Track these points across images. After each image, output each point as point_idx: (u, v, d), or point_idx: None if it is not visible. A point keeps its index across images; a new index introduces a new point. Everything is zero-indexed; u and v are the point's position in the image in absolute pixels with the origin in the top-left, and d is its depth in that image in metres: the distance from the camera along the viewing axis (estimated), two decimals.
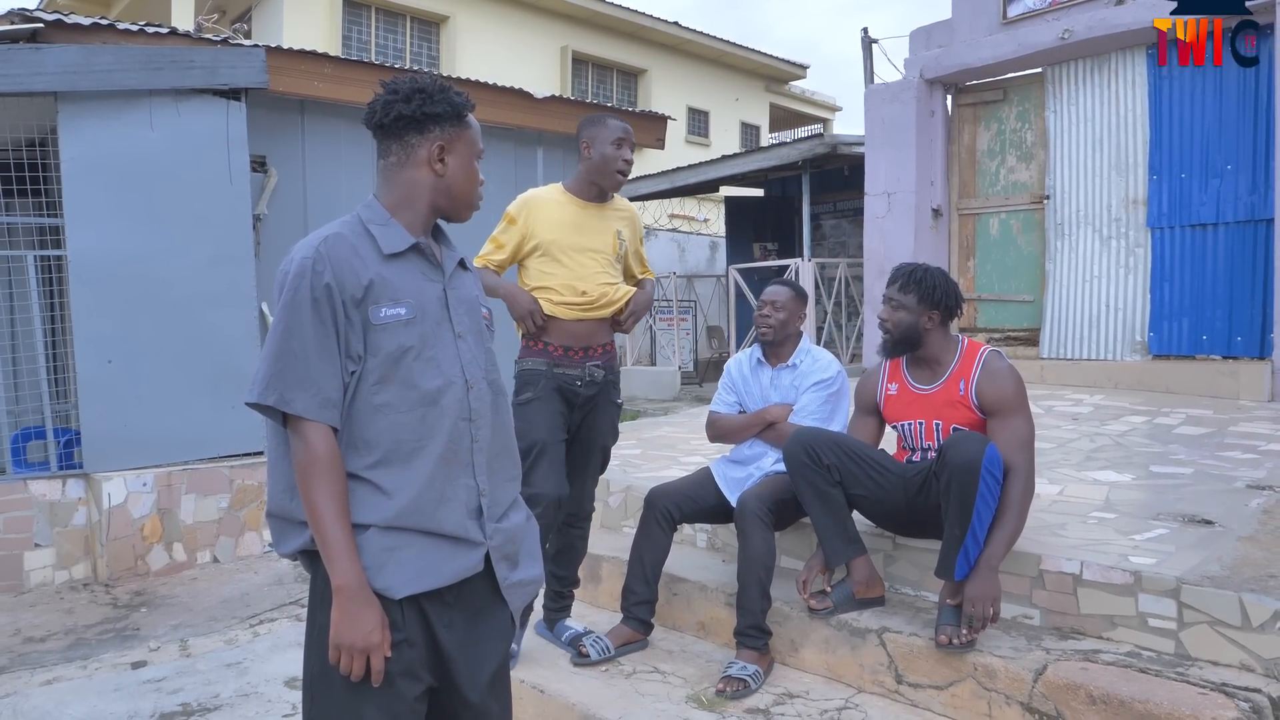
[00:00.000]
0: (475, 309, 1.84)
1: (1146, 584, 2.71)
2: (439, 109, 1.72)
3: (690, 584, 3.56)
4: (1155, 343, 6.63)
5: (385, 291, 1.65)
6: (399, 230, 1.73)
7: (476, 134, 1.80)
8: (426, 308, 1.71)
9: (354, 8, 15.09)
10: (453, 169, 1.75)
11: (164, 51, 5.07)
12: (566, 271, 3.11)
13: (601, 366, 3.21)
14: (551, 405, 3.12)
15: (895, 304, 3.07)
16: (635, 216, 3.34)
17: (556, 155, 7.75)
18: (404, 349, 1.65)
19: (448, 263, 1.81)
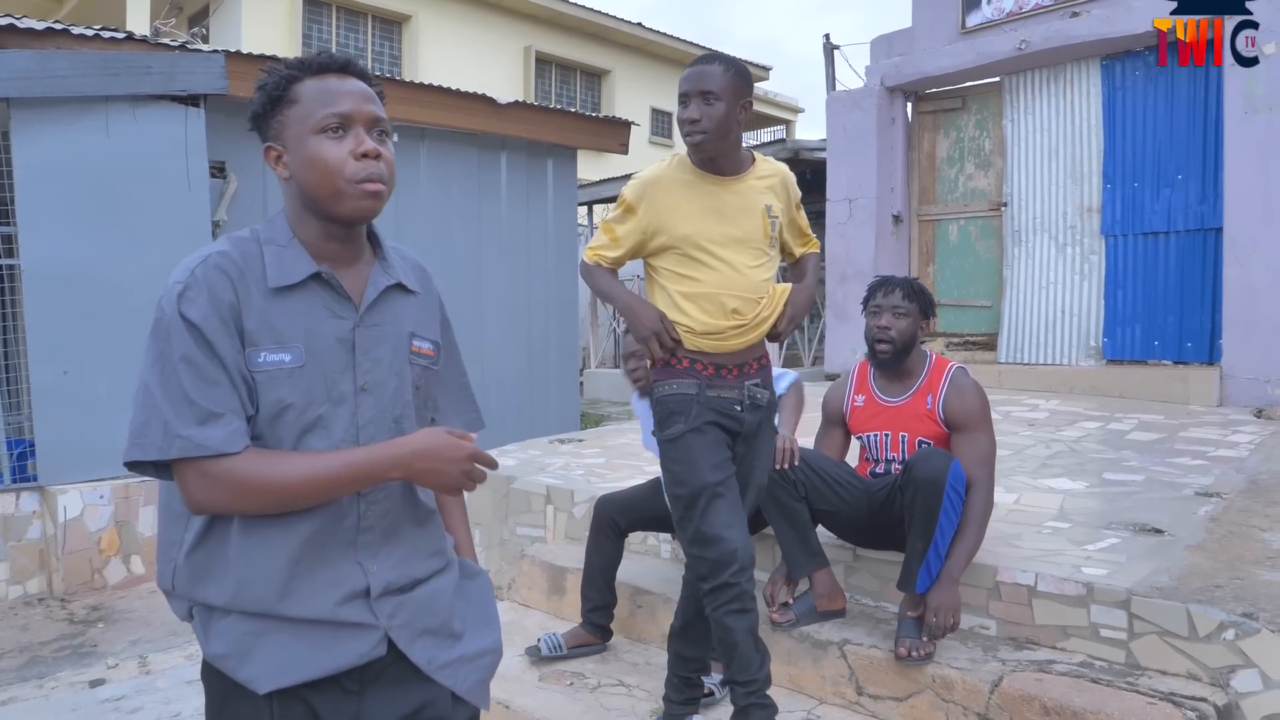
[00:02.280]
0: (401, 349, 1.46)
1: (1098, 595, 2.78)
2: (258, 105, 1.39)
3: (654, 596, 3.59)
4: (1109, 348, 6.78)
5: (268, 331, 1.33)
6: (298, 254, 1.38)
7: (314, 98, 1.36)
8: (321, 353, 1.36)
9: (314, 6, 14.96)
10: (293, 166, 1.37)
11: (120, 57, 4.99)
12: (716, 276, 2.45)
13: (762, 386, 2.57)
14: (711, 437, 2.48)
15: (901, 312, 3.02)
16: (786, 177, 2.57)
17: (520, 160, 7.74)
18: (282, 406, 1.33)
19: (370, 290, 1.43)
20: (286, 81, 1.37)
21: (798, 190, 2.61)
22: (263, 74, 1.39)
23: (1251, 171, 5.87)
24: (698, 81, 2.38)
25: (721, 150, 2.42)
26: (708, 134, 2.36)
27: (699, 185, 2.46)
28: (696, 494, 2.43)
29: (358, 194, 1.36)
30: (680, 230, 2.45)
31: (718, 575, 2.41)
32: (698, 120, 2.36)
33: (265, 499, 1.29)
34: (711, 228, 2.45)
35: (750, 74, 2.46)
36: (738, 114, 2.39)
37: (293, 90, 1.37)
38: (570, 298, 8.41)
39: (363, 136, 1.36)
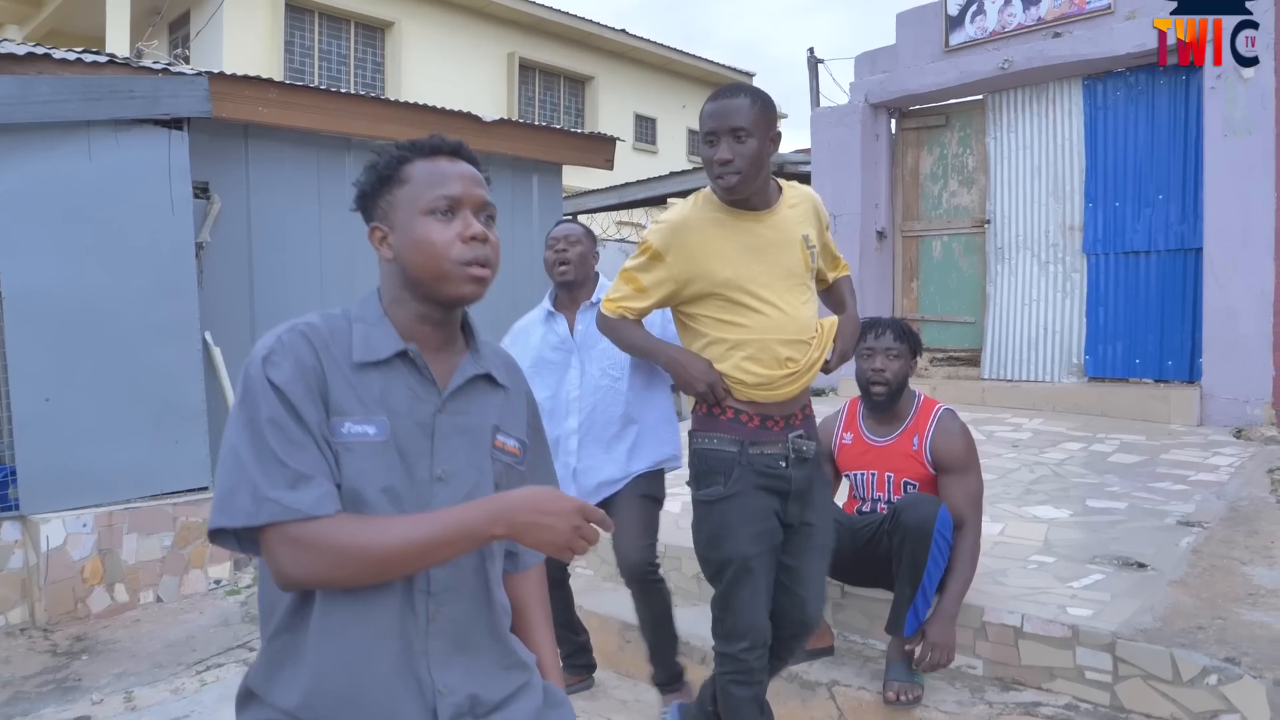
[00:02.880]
0: (483, 442, 1.41)
1: (1083, 638, 2.81)
2: (367, 184, 1.40)
3: (617, 623, 3.60)
4: (1091, 365, 6.84)
5: (353, 402, 1.30)
6: (387, 331, 1.36)
7: (424, 180, 1.37)
8: (404, 434, 1.32)
9: (297, 13, 14.86)
10: (398, 246, 1.36)
11: (103, 81, 4.95)
12: (765, 321, 2.28)
13: (807, 437, 2.39)
14: (753, 503, 2.29)
15: (894, 354, 3.00)
16: (815, 201, 2.45)
17: (505, 176, 7.73)
18: (363, 481, 1.28)
19: (456, 377, 1.39)
20: (397, 162, 1.38)
21: (826, 211, 2.49)
22: (373, 155, 1.41)
23: (1230, 193, 5.93)
24: (726, 118, 2.22)
25: (756, 188, 2.28)
26: (742, 174, 2.22)
27: (732, 223, 2.31)
28: (725, 564, 2.30)
29: (463, 277, 1.35)
30: (720, 275, 2.28)
31: (728, 645, 2.37)
32: (730, 161, 2.21)
33: (360, 565, 1.22)
34: (752, 267, 2.29)
35: (774, 102, 2.34)
36: (768, 148, 2.27)
37: (403, 171, 1.38)
38: None
39: (470, 220, 1.36)
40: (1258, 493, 4.49)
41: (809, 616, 2.45)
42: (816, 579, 2.44)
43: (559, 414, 3.09)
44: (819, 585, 2.45)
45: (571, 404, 3.09)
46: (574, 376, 3.10)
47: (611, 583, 4.13)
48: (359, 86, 15.40)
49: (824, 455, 3.21)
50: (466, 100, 14.77)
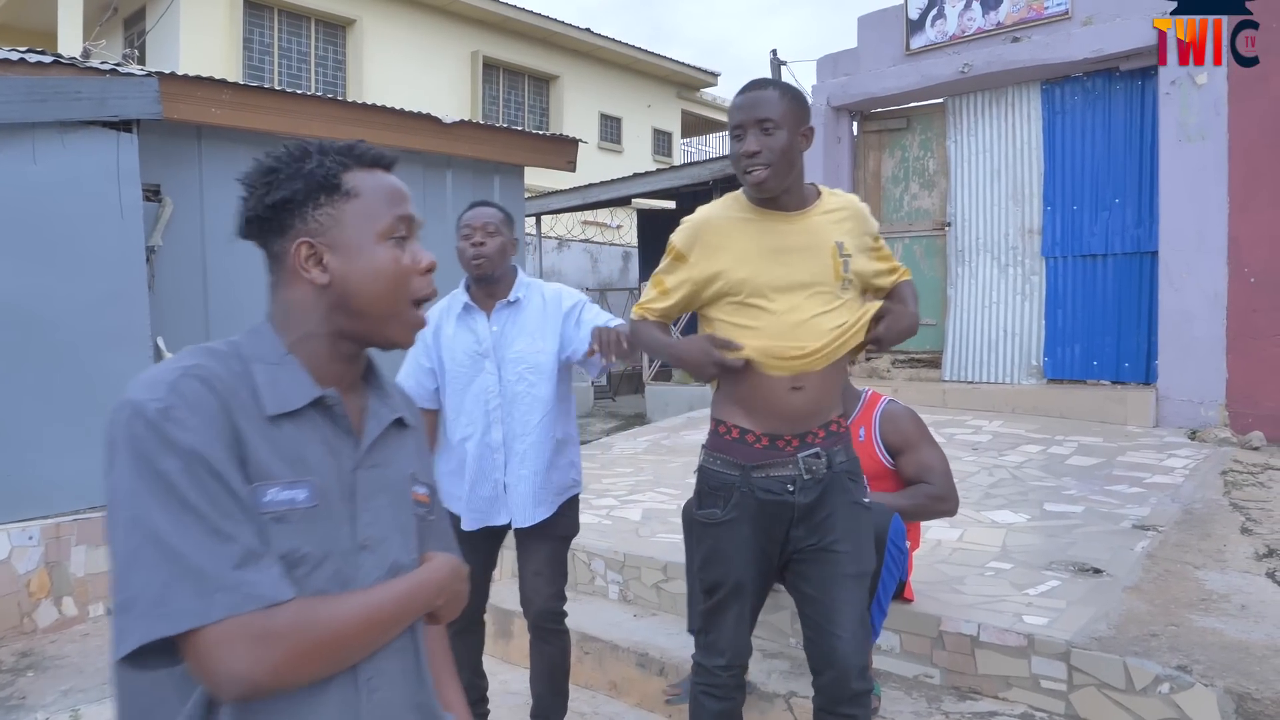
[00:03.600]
0: (404, 497, 1.22)
1: (1039, 647, 2.82)
2: (285, 191, 1.13)
3: (601, 643, 3.57)
4: (1050, 367, 6.90)
5: (275, 462, 1.06)
6: (296, 374, 1.13)
7: (379, 196, 1.17)
8: (327, 497, 1.10)
9: (256, 10, 14.64)
10: (342, 270, 1.14)
11: (47, 82, 4.81)
12: (774, 320, 2.15)
13: (823, 453, 2.17)
14: (750, 530, 2.18)
15: None
16: (858, 210, 2.25)
17: (466, 178, 7.65)
18: (298, 558, 1.04)
19: (371, 425, 1.19)
20: (340, 169, 1.15)
21: (873, 221, 2.30)
22: (330, 155, 1.15)
23: (1184, 198, 6.02)
24: (752, 110, 2.09)
25: (786, 186, 2.14)
26: (771, 168, 2.08)
27: (758, 223, 2.18)
28: (717, 586, 2.24)
29: (413, 320, 1.19)
30: (736, 274, 2.16)
31: (707, 658, 2.30)
32: (757, 153, 2.07)
33: (323, 656, 1.02)
34: (771, 270, 2.15)
35: (805, 97, 2.21)
36: (799, 143, 2.13)
37: (346, 181, 1.15)
38: None
39: (420, 250, 1.19)
40: (1211, 495, 4.55)
41: (842, 659, 2.13)
42: (847, 613, 2.14)
43: (475, 425, 2.82)
44: (851, 621, 2.15)
45: (493, 414, 2.81)
46: (490, 383, 2.81)
47: (570, 593, 4.08)
48: (320, 85, 15.21)
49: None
50: (430, 99, 14.65)
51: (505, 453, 2.82)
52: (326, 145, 1.17)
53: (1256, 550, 3.71)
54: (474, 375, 2.82)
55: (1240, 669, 2.59)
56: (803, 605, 2.21)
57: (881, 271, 2.28)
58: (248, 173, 1.17)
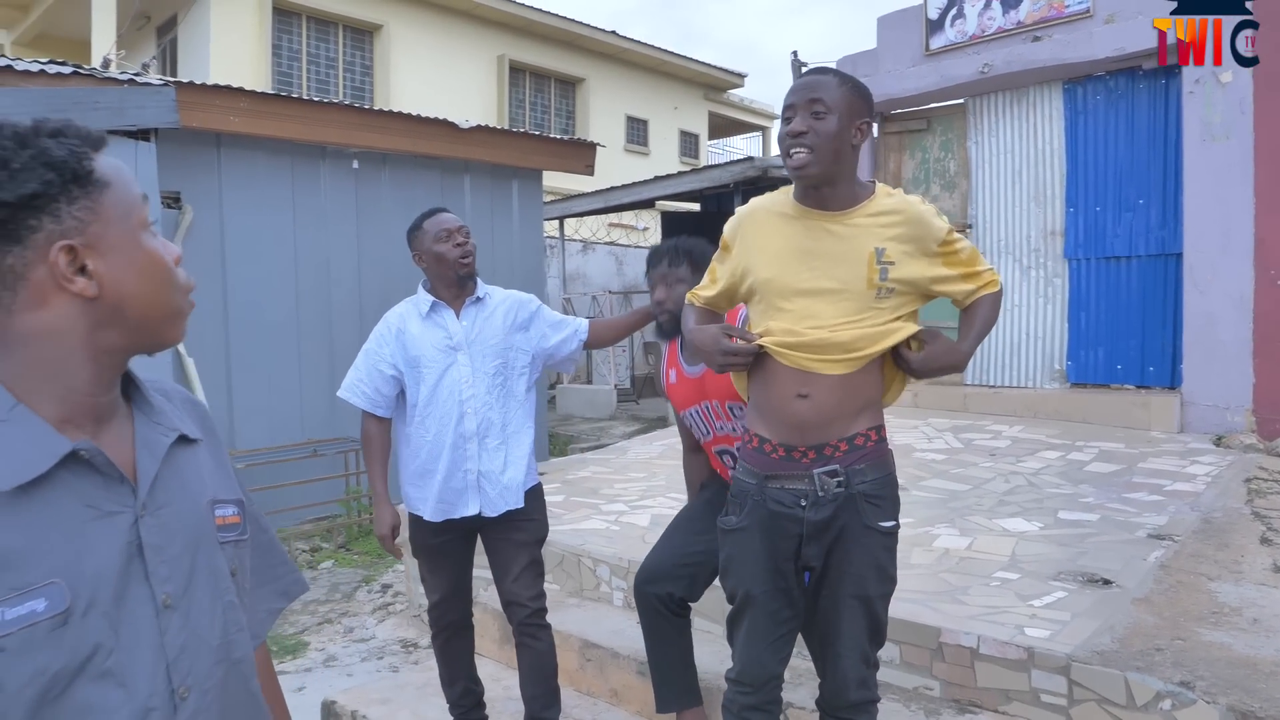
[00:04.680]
0: (204, 531, 1.04)
1: (1039, 660, 2.77)
2: (31, 185, 0.90)
3: (603, 650, 3.55)
4: (1073, 371, 6.80)
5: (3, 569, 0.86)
6: (32, 429, 0.91)
7: (127, 185, 0.99)
8: (92, 579, 0.91)
9: (284, 17, 14.82)
10: (114, 274, 0.95)
11: (66, 93, 4.91)
12: (789, 317, 2.07)
13: (841, 473, 2.05)
14: (761, 541, 2.12)
15: (676, 277, 2.70)
16: (916, 215, 2.06)
17: (484, 183, 7.69)
18: (48, 677, 0.87)
19: (146, 461, 1.00)
20: (90, 155, 0.95)
21: (941, 226, 2.09)
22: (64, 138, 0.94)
23: (1210, 199, 5.89)
24: (805, 91, 2.00)
25: (829, 177, 2.01)
26: (814, 152, 1.96)
27: (796, 221, 2.08)
28: (732, 594, 2.22)
29: (186, 309, 1.03)
30: (763, 273, 2.09)
31: (730, 670, 2.25)
32: (802, 134, 1.96)
33: None
34: (796, 273, 2.06)
35: (871, 94, 2.10)
36: (852, 135, 2.01)
37: (97, 169, 0.95)
38: None
39: (164, 238, 1.04)
40: (1233, 504, 4.45)
41: (841, 672, 2.13)
42: (846, 632, 2.11)
43: (448, 416, 2.88)
44: (850, 639, 2.11)
45: (466, 404, 2.89)
46: (463, 374, 2.90)
47: (575, 598, 4.09)
48: (348, 90, 15.36)
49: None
50: (456, 103, 14.76)
51: (478, 442, 2.89)
52: (45, 127, 0.95)
53: (1275, 561, 3.62)
54: (445, 368, 2.89)
55: (1245, 686, 2.53)
56: (812, 622, 2.19)
57: (948, 278, 2.10)
58: None
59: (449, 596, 3.06)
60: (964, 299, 2.15)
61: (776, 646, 2.18)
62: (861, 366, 2.05)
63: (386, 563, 5.69)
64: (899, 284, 2.03)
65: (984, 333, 2.18)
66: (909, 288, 2.06)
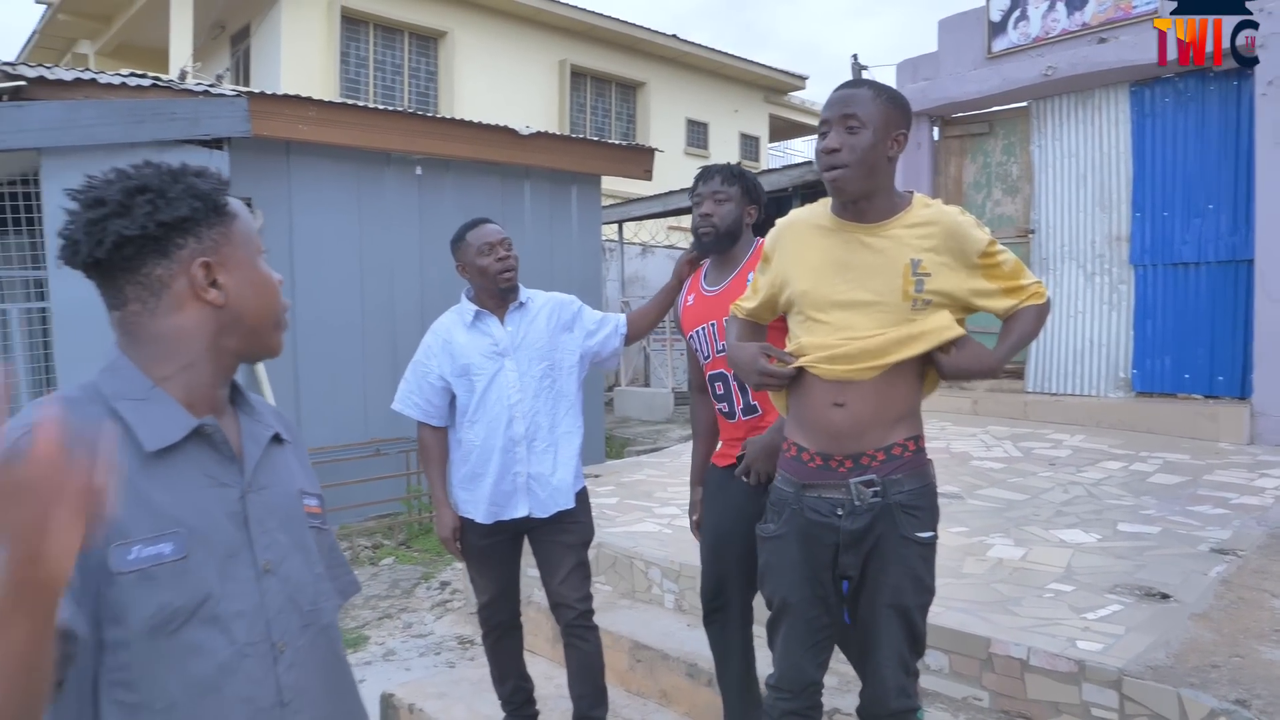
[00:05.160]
0: (295, 512, 1.23)
1: (1090, 674, 2.74)
2: (183, 210, 1.12)
3: (653, 651, 3.60)
4: (1139, 380, 6.65)
5: (141, 515, 1.04)
6: (169, 407, 1.11)
7: (247, 218, 1.22)
8: (209, 535, 1.09)
9: (352, 25, 15.16)
10: (236, 289, 1.16)
11: (146, 104, 5.12)
12: (825, 329, 2.08)
13: (877, 483, 2.05)
14: (797, 549, 2.13)
15: (721, 196, 2.70)
16: (954, 226, 2.04)
17: (544, 188, 7.80)
18: (167, 613, 1.03)
19: (250, 448, 1.19)
20: (220, 192, 1.18)
21: (981, 236, 2.06)
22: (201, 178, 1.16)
23: None
24: (839, 105, 2.01)
25: (865, 191, 2.02)
26: (848, 168, 1.98)
27: (833, 233, 2.10)
28: (769, 600, 2.24)
29: (284, 326, 1.25)
30: (799, 285, 2.11)
31: (771, 676, 2.26)
32: (836, 150, 1.98)
33: None
34: (832, 285, 2.07)
35: (909, 104, 2.11)
36: (888, 147, 2.02)
37: (228, 202, 1.19)
38: None
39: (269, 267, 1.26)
40: None
41: (880, 681, 2.11)
42: (885, 641, 2.09)
43: (498, 420, 2.94)
44: (888, 648, 2.09)
45: (515, 408, 2.95)
46: (510, 379, 2.96)
47: (627, 600, 4.15)
48: (413, 96, 15.66)
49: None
50: (518, 108, 14.96)
51: (527, 445, 2.95)
52: (191, 168, 1.18)
53: None
54: (494, 373, 2.96)
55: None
56: (854, 630, 2.20)
57: (989, 292, 2.06)
58: (98, 194, 1.11)
59: (498, 597, 3.14)
60: (1005, 314, 2.10)
61: (814, 653, 2.19)
62: (895, 374, 2.04)
63: (445, 560, 5.81)
64: (936, 295, 2.02)
65: (1021, 344, 2.15)
66: (946, 300, 2.04)
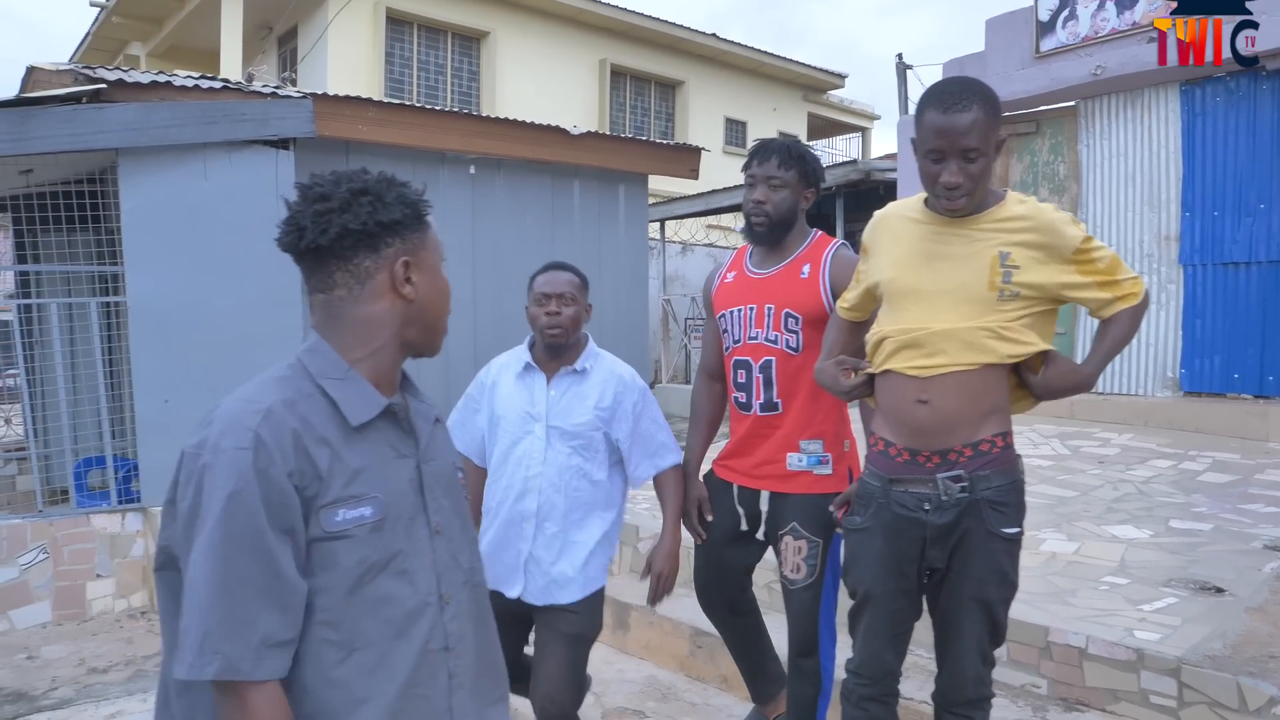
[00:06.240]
0: (454, 481, 1.41)
1: (1149, 662, 2.82)
2: (396, 214, 1.29)
3: (713, 638, 3.69)
4: (1187, 379, 6.65)
5: (345, 484, 1.21)
6: (363, 387, 1.28)
7: (435, 230, 1.39)
8: (397, 501, 1.27)
9: (397, 26, 15.40)
10: (424, 288, 1.33)
11: (217, 106, 5.31)
12: (908, 317, 2.13)
13: (965, 478, 2.08)
14: (884, 542, 2.18)
15: (777, 182, 2.60)
16: (1047, 224, 2.05)
17: (592, 187, 7.93)
18: (366, 565, 1.22)
19: (421, 425, 1.37)
20: (424, 204, 1.36)
21: (1076, 233, 2.05)
22: (411, 191, 1.35)
23: None
24: (956, 138, 1.98)
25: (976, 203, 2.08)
26: (970, 196, 2.04)
27: (923, 225, 2.15)
28: (853, 591, 2.29)
29: (445, 333, 1.43)
30: (888, 274, 2.18)
31: (849, 663, 2.31)
32: (958, 186, 2.01)
33: None
34: (919, 275, 2.12)
35: (999, 102, 2.10)
36: (995, 158, 2.07)
37: (429, 214, 1.37)
38: (640, 316, 8.60)
39: None
40: None
41: (960, 670, 2.18)
42: (967, 632, 2.16)
43: (510, 489, 2.62)
44: (970, 640, 2.16)
45: (531, 481, 2.60)
46: (535, 449, 2.61)
47: (684, 589, 4.25)
48: (455, 95, 15.87)
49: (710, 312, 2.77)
50: (559, 107, 15.11)
51: (536, 525, 2.60)
52: (399, 179, 1.36)
53: None
54: (520, 437, 2.63)
55: None
56: (933, 619, 2.25)
57: (1082, 285, 2.06)
58: (316, 186, 1.29)
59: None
60: (1100, 308, 2.10)
61: (895, 642, 2.25)
62: (981, 371, 2.06)
63: None
64: (1023, 288, 2.04)
65: (1114, 351, 2.14)
66: (1035, 292, 2.05)
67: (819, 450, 2.59)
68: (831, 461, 2.60)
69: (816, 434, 2.59)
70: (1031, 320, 2.07)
